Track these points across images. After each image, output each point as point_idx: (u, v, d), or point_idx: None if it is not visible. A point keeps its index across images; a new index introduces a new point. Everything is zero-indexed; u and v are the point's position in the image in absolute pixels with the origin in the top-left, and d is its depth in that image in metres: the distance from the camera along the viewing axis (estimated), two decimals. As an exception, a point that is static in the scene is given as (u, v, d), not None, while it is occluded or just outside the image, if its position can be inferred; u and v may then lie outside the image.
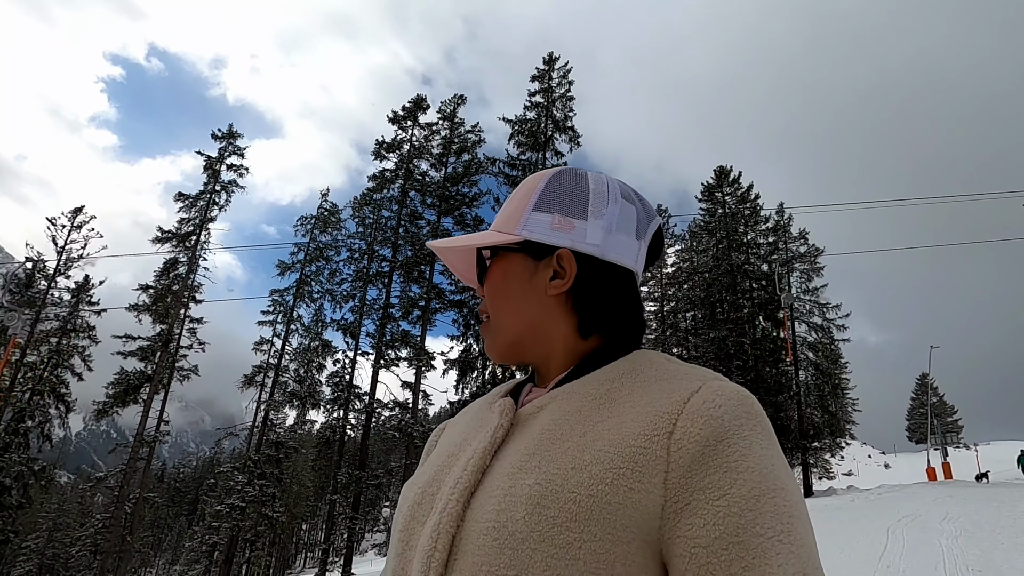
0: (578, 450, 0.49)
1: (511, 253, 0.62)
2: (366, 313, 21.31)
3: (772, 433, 0.49)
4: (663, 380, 0.52)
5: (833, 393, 30.34)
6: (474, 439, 0.56)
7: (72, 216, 24.65)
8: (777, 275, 22.43)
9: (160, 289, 21.59)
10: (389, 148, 24.71)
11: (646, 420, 0.49)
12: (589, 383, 0.55)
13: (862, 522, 9.48)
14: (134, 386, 20.34)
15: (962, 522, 8.92)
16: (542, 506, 0.46)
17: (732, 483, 0.45)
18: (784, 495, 0.45)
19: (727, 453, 0.46)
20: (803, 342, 30.81)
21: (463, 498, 0.50)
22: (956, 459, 36.98)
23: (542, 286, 0.60)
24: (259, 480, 18.54)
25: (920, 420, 71.04)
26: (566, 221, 0.60)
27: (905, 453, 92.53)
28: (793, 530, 0.44)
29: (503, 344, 0.62)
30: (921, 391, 72.18)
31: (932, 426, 38.33)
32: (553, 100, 25.94)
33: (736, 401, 0.49)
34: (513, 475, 0.49)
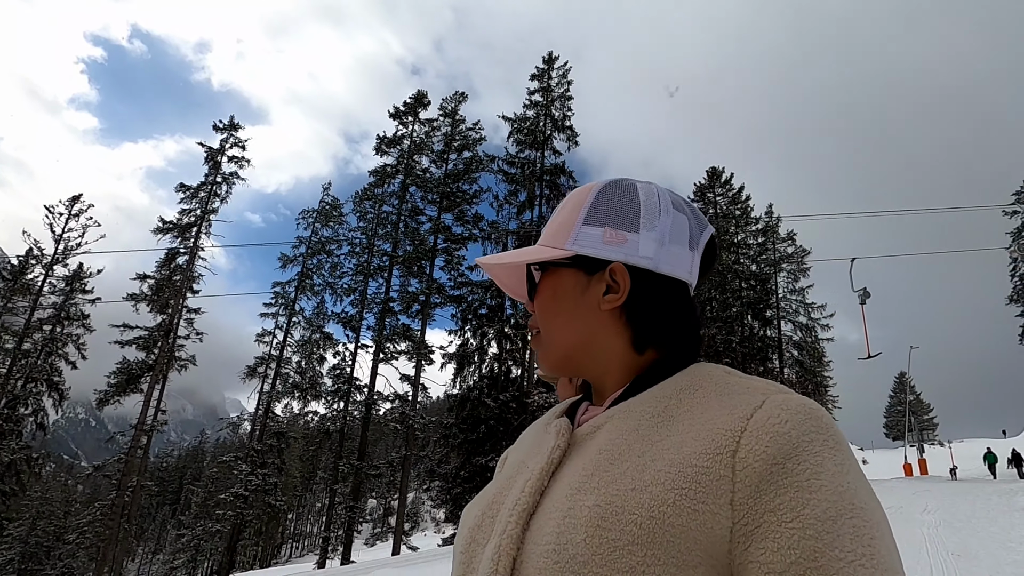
0: (638, 470, 0.48)
1: (562, 268, 0.62)
2: (367, 307, 21.63)
3: (846, 447, 0.47)
4: (724, 395, 0.51)
5: (816, 391, 31.25)
6: (532, 461, 0.56)
7: (69, 204, 24.56)
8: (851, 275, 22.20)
9: (161, 279, 21.68)
10: (390, 143, 24.95)
11: (707, 438, 0.47)
12: (646, 400, 0.54)
13: (849, 513, 10.12)
14: (136, 375, 20.47)
15: (940, 513, 9.62)
16: (603, 528, 0.45)
17: (805, 503, 0.43)
18: (864, 515, 0.43)
19: (797, 471, 0.44)
20: (788, 341, 31.66)
21: (522, 520, 0.50)
22: (931, 456, 38.34)
23: (595, 301, 0.60)
24: (261, 470, 18.86)
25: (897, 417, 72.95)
26: (618, 234, 0.60)
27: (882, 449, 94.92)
28: (875, 553, 0.42)
29: (555, 358, 0.61)
30: (899, 389, 74.04)
31: (909, 423, 39.68)
32: (552, 100, 26.31)
33: (804, 415, 0.47)
34: (572, 496, 0.49)
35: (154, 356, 21.01)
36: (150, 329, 22.52)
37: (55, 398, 26.76)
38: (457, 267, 22.36)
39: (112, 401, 20.36)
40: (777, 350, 30.64)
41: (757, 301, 30.86)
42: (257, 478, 18.52)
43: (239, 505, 18.07)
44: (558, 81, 26.68)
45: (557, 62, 27.29)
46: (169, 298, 21.61)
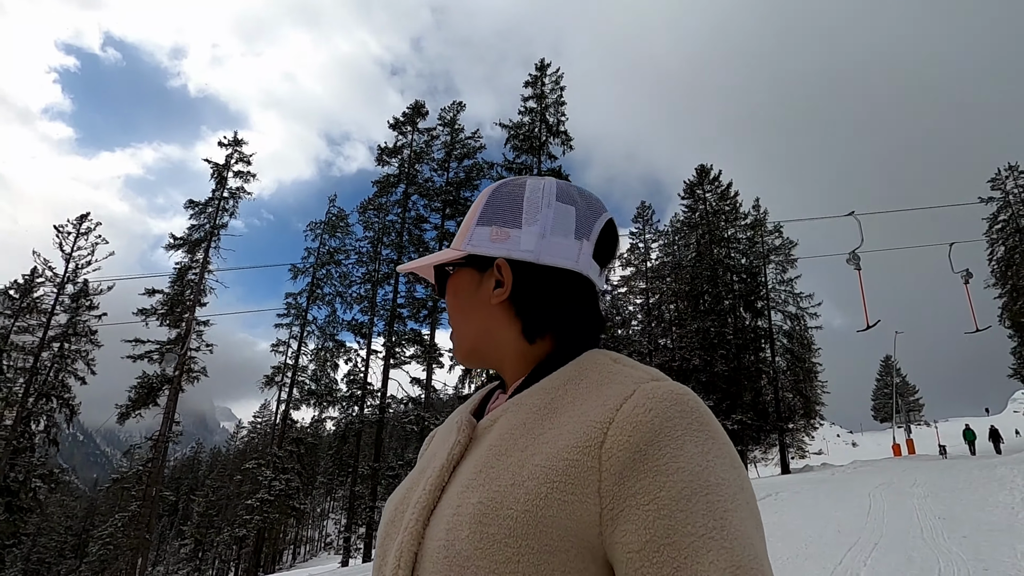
0: (518, 465, 0.51)
1: (461, 268, 0.67)
2: (376, 314, 22.36)
3: (711, 426, 0.50)
4: (603, 385, 0.54)
5: (806, 378, 32.43)
6: (438, 455, 0.60)
7: (78, 223, 24.98)
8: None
9: (173, 294, 22.23)
10: (391, 153, 25.66)
11: (580, 431, 0.50)
12: (535, 393, 0.57)
13: (847, 489, 11.15)
14: (155, 388, 21.05)
15: (928, 487, 10.65)
16: (484, 524, 0.48)
17: (661, 486, 0.46)
18: (719, 490, 0.46)
19: (656, 456, 0.47)
20: (779, 330, 32.73)
21: (423, 518, 0.53)
22: (918, 436, 39.82)
23: (487, 296, 0.64)
24: (284, 475, 19.56)
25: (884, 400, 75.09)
26: (502, 232, 0.64)
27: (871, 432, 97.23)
28: (727, 525, 0.45)
29: (463, 352, 0.67)
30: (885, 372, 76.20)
31: (896, 406, 41.16)
32: (546, 106, 27.17)
33: (669, 402, 0.50)
34: (462, 493, 0.52)
35: (171, 369, 21.56)
36: (162, 343, 23.08)
37: (66, 413, 27.16)
38: (462, 272, 23.17)
39: (133, 415, 20.89)
40: (768, 340, 31.76)
41: (748, 293, 31.98)
42: (280, 483, 19.21)
43: (264, 510, 18.74)
44: (551, 88, 27.54)
45: (549, 69, 28.15)
46: (183, 312, 22.18)
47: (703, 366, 30.25)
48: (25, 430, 25.46)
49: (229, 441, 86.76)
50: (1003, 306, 33.41)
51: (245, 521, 18.59)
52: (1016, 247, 32.87)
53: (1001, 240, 34.06)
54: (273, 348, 22.03)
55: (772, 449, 30.64)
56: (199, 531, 63.03)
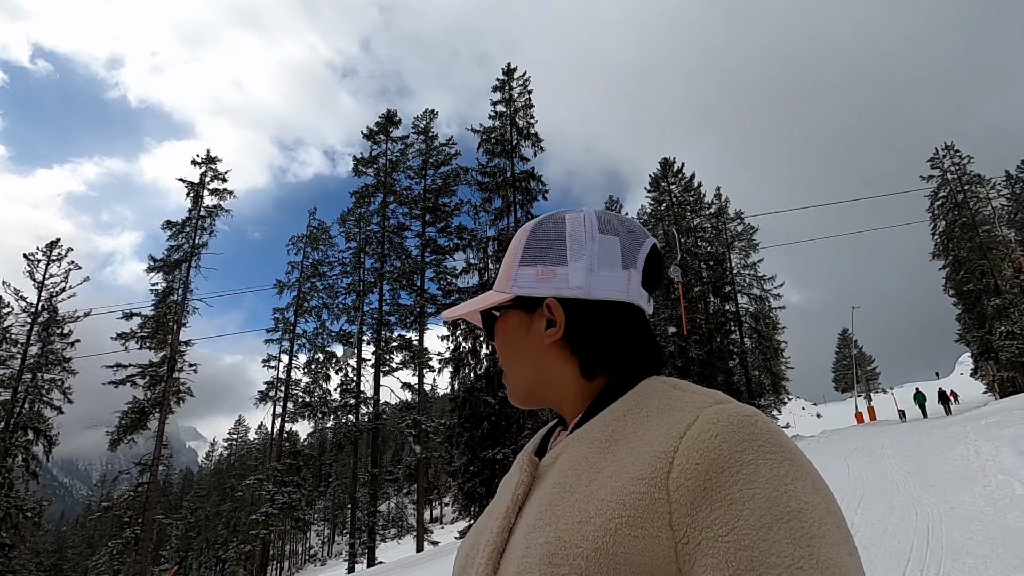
0: (584, 501, 0.49)
1: (508, 310, 0.66)
2: (364, 323, 22.74)
3: (786, 448, 0.47)
4: (664, 413, 0.53)
5: (773, 355, 34.21)
6: (504, 497, 0.59)
7: (48, 250, 24.43)
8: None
9: (158, 317, 22.10)
10: (366, 163, 25.96)
11: (645, 462, 0.49)
12: (596, 426, 0.56)
13: (824, 456, 12.34)
14: (146, 412, 20.96)
15: (894, 448, 11.90)
16: (554, 564, 0.46)
17: (738, 515, 0.44)
18: (802, 516, 0.44)
19: (729, 484, 0.45)
20: (745, 312, 34.38)
21: (492, 561, 0.53)
22: (877, 403, 42.45)
23: (539, 337, 0.63)
24: (285, 488, 19.83)
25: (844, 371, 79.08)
26: (548, 271, 0.63)
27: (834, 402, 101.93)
28: (816, 552, 0.42)
29: (519, 395, 0.66)
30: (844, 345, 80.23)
31: (856, 376, 43.73)
32: (516, 110, 27.89)
33: (735, 425, 0.48)
34: (529, 534, 0.51)
35: (159, 392, 21.47)
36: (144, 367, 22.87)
37: (44, 445, 26.56)
38: (446, 277, 23.74)
39: (126, 440, 20.76)
40: (737, 322, 33.36)
41: (716, 279, 33.54)
42: (283, 496, 19.48)
43: (270, 524, 19.00)
44: (520, 92, 28.27)
45: (516, 72, 28.87)
46: (167, 335, 22.07)
47: (677, 352, 31.68)
48: (1, 464, 24.84)
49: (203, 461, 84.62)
50: (947, 276, 36.02)
51: (251, 537, 18.77)
52: (955, 221, 35.43)
53: (942, 215, 36.64)
54: (264, 363, 22.21)
55: (745, 426, 32.31)
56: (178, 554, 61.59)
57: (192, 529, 64.44)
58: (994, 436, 9.93)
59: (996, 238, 34.40)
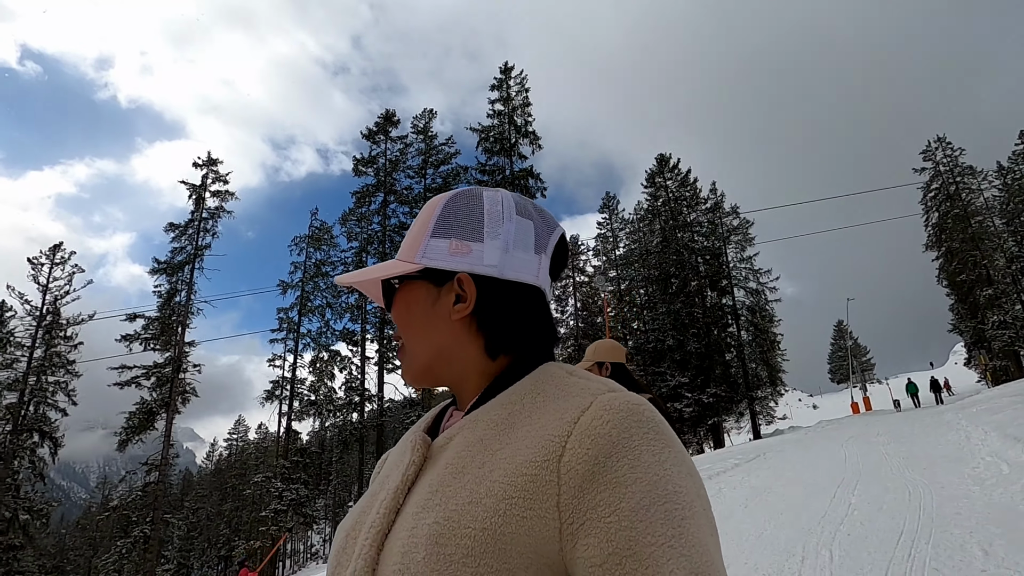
0: (476, 483, 0.50)
1: (414, 281, 0.64)
2: (367, 321, 23.00)
3: (666, 436, 0.51)
4: (559, 398, 0.54)
5: (770, 348, 34.60)
6: (392, 476, 0.58)
7: (51, 254, 24.60)
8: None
9: (163, 318, 22.32)
10: (366, 163, 26.21)
11: (538, 445, 0.50)
12: (492, 408, 0.57)
13: (823, 444, 12.72)
14: (153, 412, 21.21)
15: (889, 435, 12.29)
16: (440, 544, 0.47)
17: (621, 497, 0.46)
18: (676, 498, 0.47)
19: (615, 468, 0.47)
20: (742, 305, 34.71)
21: (377, 542, 0.52)
22: (873, 393, 42.97)
23: (446, 311, 0.61)
24: (293, 485, 20.13)
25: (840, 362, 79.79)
26: (463, 245, 0.62)
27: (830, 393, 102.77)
28: (685, 532, 0.45)
29: (416, 370, 0.63)
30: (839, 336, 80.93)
31: (852, 367, 44.25)
32: (514, 108, 28.16)
33: (625, 412, 0.50)
34: (417, 515, 0.51)
35: (166, 393, 21.72)
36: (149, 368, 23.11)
37: (50, 446, 26.77)
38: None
39: (134, 440, 21.02)
40: (734, 316, 33.73)
41: (713, 273, 33.89)
42: (292, 492, 19.78)
43: (279, 520, 19.30)
44: (517, 90, 28.54)
45: (513, 72, 29.13)
46: (172, 336, 22.31)
47: (676, 345, 32.06)
48: (8, 467, 25.05)
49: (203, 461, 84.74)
50: (940, 267, 36.54)
51: (261, 533, 19.07)
52: (948, 213, 35.91)
53: (935, 207, 37.11)
54: (269, 362, 22.46)
55: (742, 418, 32.72)
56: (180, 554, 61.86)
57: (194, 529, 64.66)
58: (984, 422, 10.32)
59: (988, 229, 34.89)
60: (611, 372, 2.49)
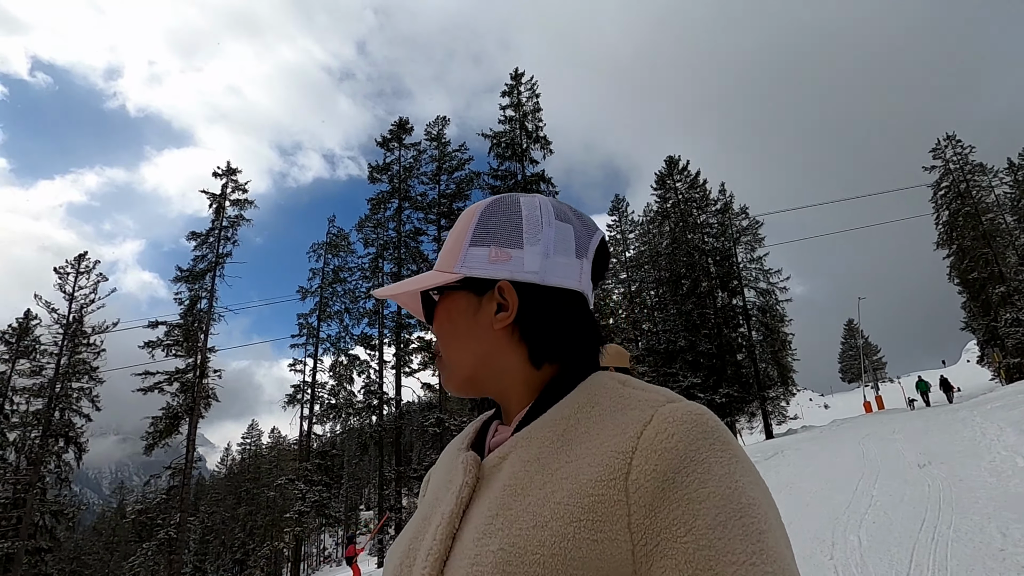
0: (539, 505, 0.48)
1: (454, 291, 0.62)
2: (384, 326, 23.45)
3: (733, 446, 0.49)
4: (617, 411, 0.52)
5: (782, 348, 34.74)
6: (444, 499, 0.56)
7: (76, 263, 25.24)
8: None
9: (186, 325, 22.86)
10: (381, 170, 26.69)
11: (602, 462, 0.48)
12: (546, 424, 0.55)
13: (839, 442, 12.98)
14: (179, 418, 21.73)
15: (905, 433, 12.52)
16: (507, 572, 0.45)
17: (695, 515, 0.44)
18: (752, 511, 0.45)
19: (686, 484, 0.45)
20: (753, 306, 34.87)
21: (436, 570, 0.50)
22: (885, 392, 42.92)
23: (488, 321, 0.60)
24: (316, 487, 20.58)
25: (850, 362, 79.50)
26: (502, 252, 0.60)
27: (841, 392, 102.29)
28: (764, 547, 0.43)
29: (459, 381, 0.62)
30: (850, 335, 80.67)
31: (864, 366, 44.24)
32: (525, 114, 28.55)
33: (690, 423, 0.48)
34: (479, 540, 0.49)
35: (190, 398, 22.24)
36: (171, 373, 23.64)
37: (75, 452, 27.38)
38: (463, 278, 24.54)
39: (160, 444, 21.53)
40: (745, 316, 33.91)
41: (723, 274, 34.12)
42: (315, 495, 20.23)
43: (303, 521, 19.74)
44: (528, 96, 28.94)
45: (524, 77, 29.53)
46: (195, 342, 22.84)
47: (688, 346, 32.30)
48: (36, 471, 25.66)
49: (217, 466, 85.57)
50: (951, 265, 36.56)
51: (284, 535, 19.48)
52: (959, 210, 35.93)
53: (945, 205, 37.14)
54: (290, 367, 22.97)
55: (754, 418, 32.88)
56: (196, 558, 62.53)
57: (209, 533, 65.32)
58: (999, 419, 10.56)
59: (999, 226, 34.89)
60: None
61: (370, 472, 60.50)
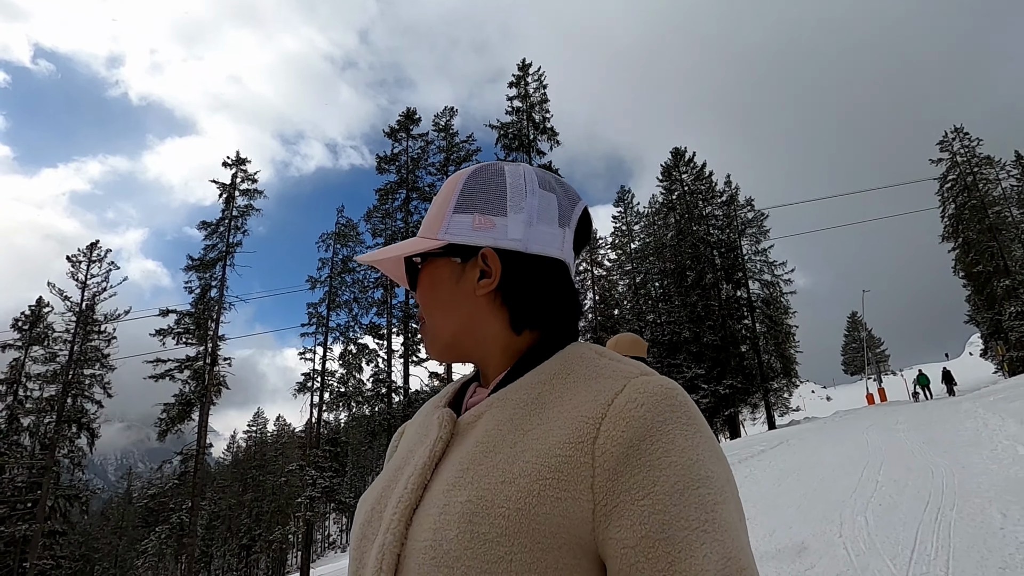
0: (508, 462, 0.50)
1: (437, 258, 0.63)
2: (392, 315, 23.72)
3: (698, 421, 0.51)
4: (591, 380, 0.54)
5: (785, 339, 34.92)
6: (417, 452, 0.58)
7: (88, 252, 25.55)
8: None
9: (197, 313, 23.18)
10: (389, 161, 26.85)
11: (572, 426, 0.50)
12: (522, 387, 0.57)
13: (843, 432, 13.22)
14: (191, 404, 22.11)
15: (908, 423, 12.76)
16: (474, 523, 0.47)
17: (655, 481, 0.46)
18: (709, 483, 0.47)
19: (650, 451, 0.47)
20: (757, 298, 35.01)
21: (405, 517, 0.52)
22: (887, 384, 43.12)
23: (470, 287, 0.61)
24: (326, 473, 20.97)
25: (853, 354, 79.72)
26: (486, 219, 0.61)
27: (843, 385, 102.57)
28: (717, 517, 0.46)
29: (440, 346, 0.63)
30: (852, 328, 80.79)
31: (867, 358, 44.41)
32: (532, 105, 28.62)
33: (659, 396, 0.50)
34: (448, 492, 0.51)
35: (202, 385, 22.61)
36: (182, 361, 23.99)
37: (87, 437, 27.84)
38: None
39: (173, 430, 21.92)
40: (749, 308, 34.09)
41: (728, 266, 34.25)
42: (324, 480, 20.63)
43: (313, 507, 20.15)
44: (535, 87, 28.99)
45: (531, 68, 29.57)
46: (206, 330, 23.17)
47: (692, 338, 32.53)
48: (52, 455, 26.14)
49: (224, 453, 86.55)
50: (956, 258, 36.59)
51: (296, 519, 19.90)
52: (965, 204, 35.91)
53: (951, 198, 37.11)
54: (300, 356, 23.31)
55: (757, 409, 33.15)
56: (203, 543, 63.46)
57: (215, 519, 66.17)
58: (1001, 410, 10.78)
59: (1006, 219, 34.88)
60: None
61: (374, 460, 61.20)
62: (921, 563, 3.63)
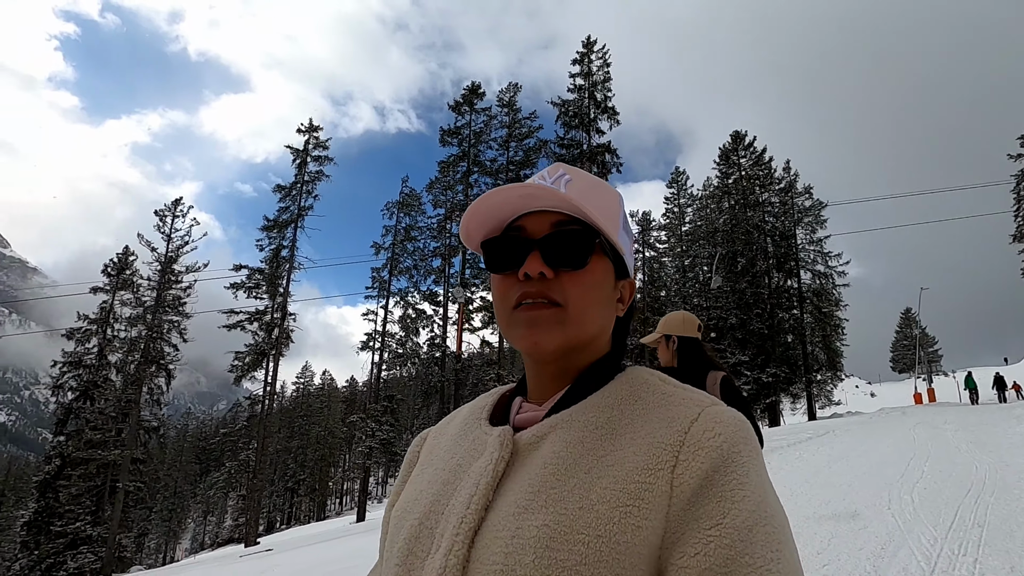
0: (584, 488, 0.49)
1: (605, 256, 0.60)
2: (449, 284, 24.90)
3: (760, 457, 0.51)
4: (661, 406, 0.54)
5: (833, 332, 34.52)
6: (471, 468, 0.56)
7: (173, 207, 27.59)
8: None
9: (270, 271, 24.94)
10: (451, 134, 27.65)
11: (649, 453, 0.50)
12: (589, 410, 0.55)
13: (889, 427, 13.63)
14: (264, 354, 24.03)
15: (956, 423, 13.05)
16: (551, 549, 0.46)
17: (726, 513, 0.46)
18: (774, 522, 0.47)
19: (724, 482, 0.47)
20: (808, 288, 34.56)
21: (468, 539, 0.50)
22: (937, 385, 42.05)
23: (614, 303, 0.61)
24: (384, 426, 22.65)
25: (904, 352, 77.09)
26: (631, 250, 0.63)
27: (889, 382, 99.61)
28: (782, 558, 0.45)
29: (571, 339, 0.57)
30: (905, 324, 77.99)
31: (918, 357, 43.33)
32: (594, 84, 28.73)
33: (734, 428, 0.50)
34: (519, 515, 0.49)
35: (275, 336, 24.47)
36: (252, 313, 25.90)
37: (165, 377, 30.48)
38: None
39: (247, 376, 23.91)
40: (799, 298, 33.78)
41: (781, 255, 33.92)
42: (382, 433, 22.31)
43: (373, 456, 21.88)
44: (599, 65, 29.02)
45: (595, 46, 29.55)
46: (277, 286, 24.93)
47: (739, 324, 32.63)
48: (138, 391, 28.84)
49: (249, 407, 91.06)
50: (1026, 260, 35.02)
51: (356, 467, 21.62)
52: (1042, 204, 34.19)
53: (1028, 196, 35.31)
54: (364, 316, 24.89)
55: (798, 400, 33.17)
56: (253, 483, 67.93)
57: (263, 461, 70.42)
58: (1055, 417, 11.01)
59: (1086, 222, 33.11)
60: (679, 345, 2.44)
61: (428, 421, 64.01)
62: (959, 530, 4.36)
